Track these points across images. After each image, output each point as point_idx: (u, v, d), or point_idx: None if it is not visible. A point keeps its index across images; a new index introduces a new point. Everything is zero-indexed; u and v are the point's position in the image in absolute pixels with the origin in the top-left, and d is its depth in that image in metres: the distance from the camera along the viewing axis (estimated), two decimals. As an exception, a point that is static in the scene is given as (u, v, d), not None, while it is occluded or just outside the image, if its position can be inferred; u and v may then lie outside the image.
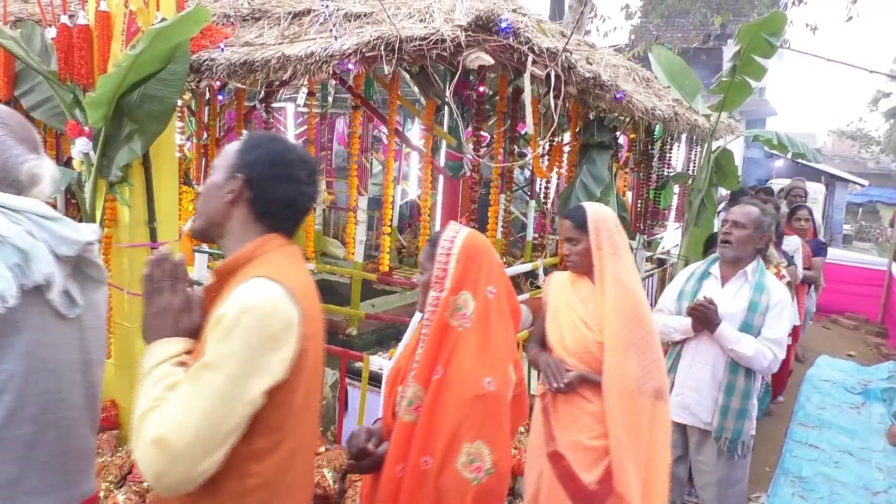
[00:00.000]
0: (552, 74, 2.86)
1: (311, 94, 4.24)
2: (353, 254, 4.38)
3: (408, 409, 1.62)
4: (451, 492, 1.53)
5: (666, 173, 5.93)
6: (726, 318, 2.76)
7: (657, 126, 5.19)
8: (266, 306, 1.21)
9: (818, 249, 5.33)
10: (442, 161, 6.56)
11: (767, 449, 4.62)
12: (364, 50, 2.74)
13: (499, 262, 1.76)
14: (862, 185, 18.32)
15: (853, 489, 4.12)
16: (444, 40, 2.65)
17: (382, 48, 2.71)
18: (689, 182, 5.94)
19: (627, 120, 4.70)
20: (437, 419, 1.57)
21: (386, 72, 2.95)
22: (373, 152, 8.71)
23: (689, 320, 2.81)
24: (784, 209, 6.44)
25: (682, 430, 2.92)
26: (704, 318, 2.75)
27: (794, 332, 5.00)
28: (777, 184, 11.34)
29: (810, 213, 5.26)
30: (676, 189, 7.02)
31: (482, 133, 3.66)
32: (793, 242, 4.79)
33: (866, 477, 4.30)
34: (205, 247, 4.72)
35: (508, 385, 1.62)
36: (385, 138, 6.96)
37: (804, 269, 4.93)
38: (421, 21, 2.86)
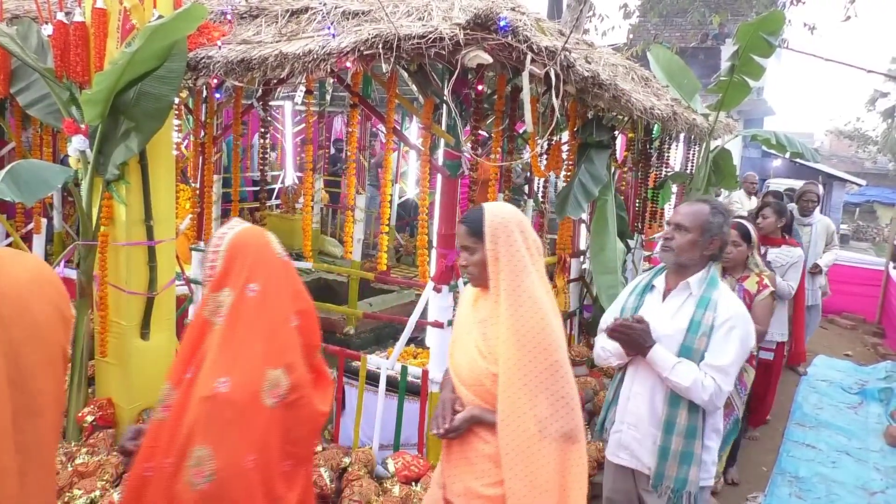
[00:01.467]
0: (551, 73, 2.85)
1: (308, 92, 4.22)
2: (350, 252, 4.37)
3: (159, 406, 1.56)
4: (180, 496, 1.47)
5: (664, 173, 5.92)
6: (662, 340, 2.29)
7: (655, 125, 5.18)
8: None
9: None
10: (440, 160, 6.56)
11: (765, 449, 4.63)
12: (362, 48, 2.73)
13: (276, 260, 1.64)
14: (859, 185, 18.32)
15: (850, 489, 4.12)
16: (442, 39, 2.64)
17: (380, 46, 2.71)
18: (688, 182, 5.94)
19: (626, 119, 4.69)
20: (182, 419, 1.51)
21: (384, 70, 2.94)
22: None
23: None
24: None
25: (628, 474, 2.45)
26: (629, 341, 2.29)
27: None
28: (777, 184, 11.35)
29: (775, 212, 4.73)
30: (675, 188, 7.02)
31: (480, 132, 3.65)
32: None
33: (864, 477, 4.30)
34: (202, 245, 4.71)
35: (254, 388, 1.51)
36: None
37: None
38: (419, 19, 2.84)
